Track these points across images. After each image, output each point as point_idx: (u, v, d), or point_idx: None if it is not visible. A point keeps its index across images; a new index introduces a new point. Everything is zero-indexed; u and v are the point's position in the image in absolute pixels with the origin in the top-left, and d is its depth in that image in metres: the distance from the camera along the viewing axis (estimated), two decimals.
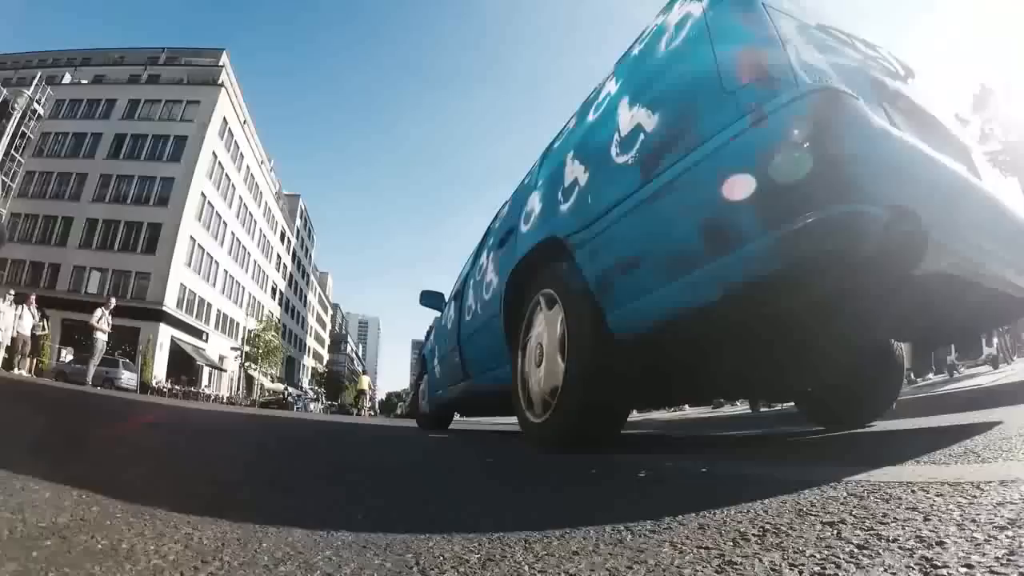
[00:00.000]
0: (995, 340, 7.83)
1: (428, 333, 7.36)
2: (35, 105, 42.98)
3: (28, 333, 14.98)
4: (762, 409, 7.72)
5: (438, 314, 6.64)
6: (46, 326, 16.61)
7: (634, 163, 2.52)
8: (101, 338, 14.33)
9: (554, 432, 2.85)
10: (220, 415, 7.22)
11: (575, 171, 3.07)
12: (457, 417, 6.86)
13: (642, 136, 2.52)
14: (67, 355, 28.05)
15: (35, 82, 43.39)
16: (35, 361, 15.71)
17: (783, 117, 1.88)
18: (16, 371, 14.26)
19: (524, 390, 3.25)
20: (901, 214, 1.80)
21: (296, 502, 1.58)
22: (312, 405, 43.10)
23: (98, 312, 14.40)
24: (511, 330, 3.54)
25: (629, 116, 2.70)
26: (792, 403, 4.64)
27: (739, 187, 1.92)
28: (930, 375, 8.57)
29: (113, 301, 15.15)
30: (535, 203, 3.54)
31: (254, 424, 6.26)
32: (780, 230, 1.83)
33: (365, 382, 30.99)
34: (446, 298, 6.37)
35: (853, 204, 1.77)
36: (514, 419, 3.48)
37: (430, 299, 6.75)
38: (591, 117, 3.28)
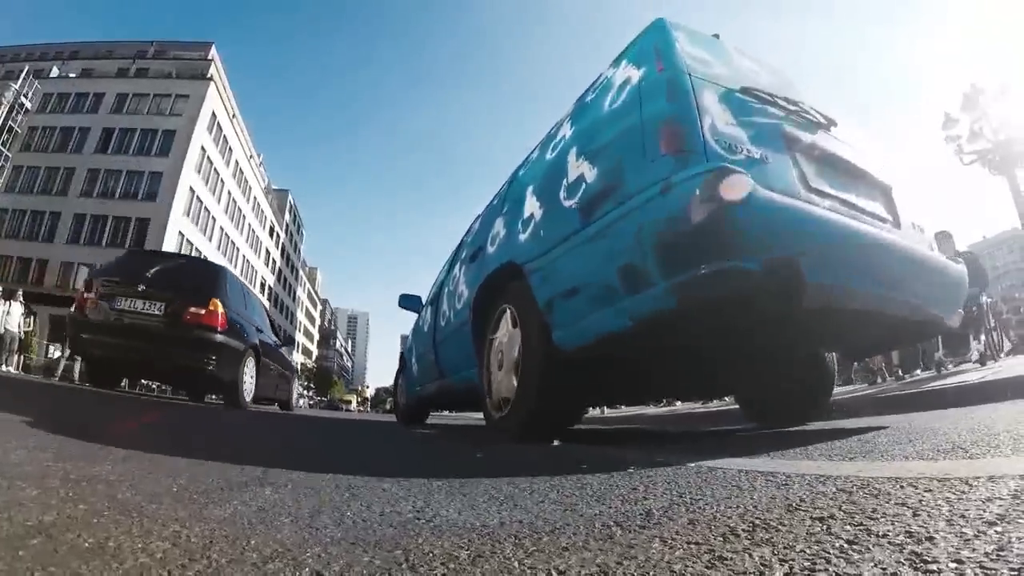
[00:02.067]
0: (983, 337, 7.88)
1: None
2: (22, 99, 42.56)
3: (16, 329, 14.87)
4: None
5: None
6: (32, 322, 16.48)
7: (576, 208, 2.98)
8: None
9: (511, 425, 3.35)
10: (218, 415, 7.18)
11: (532, 206, 3.53)
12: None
13: (584, 185, 2.98)
14: (55, 351, 27.78)
15: (22, 76, 43.00)
16: (22, 357, 15.57)
17: (684, 189, 2.28)
18: (3, 367, 14.16)
19: (489, 389, 3.76)
20: (778, 265, 2.24)
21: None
22: (301, 401, 43.02)
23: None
24: (478, 336, 3.99)
25: (576, 165, 3.14)
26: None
27: (648, 242, 2.40)
28: (918, 371, 8.62)
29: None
30: (501, 227, 4.01)
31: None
32: (675, 279, 2.29)
33: (367, 392, 33.27)
34: (423, 301, 6.80)
35: (733, 260, 2.21)
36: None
37: (409, 302, 7.19)
38: (549, 155, 3.72)
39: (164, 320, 7.03)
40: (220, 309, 7.30)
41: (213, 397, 10.42)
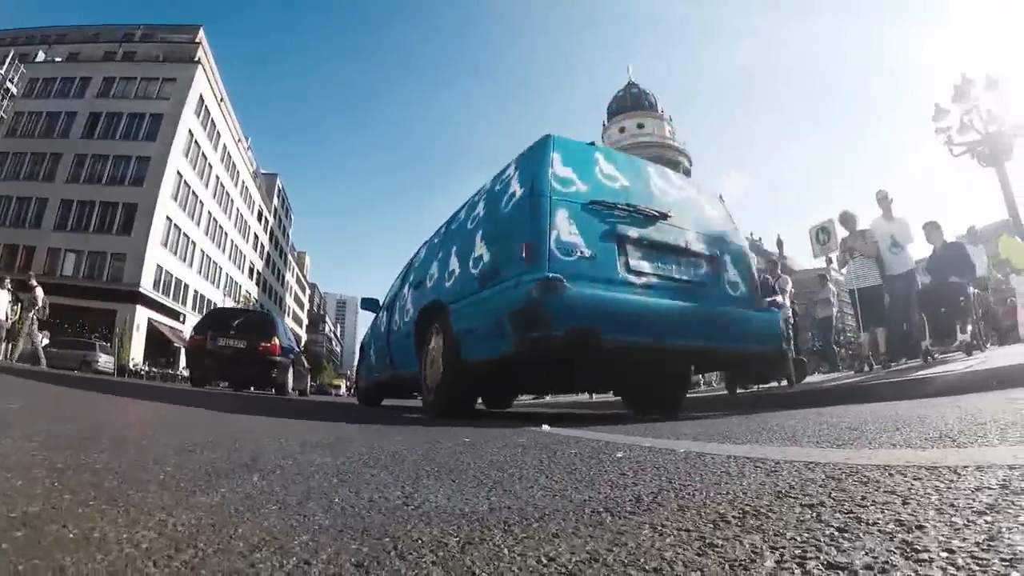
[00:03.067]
0: (969, 327, 7.93)
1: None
2: (7, 84, 41.81)
3: (3, 317, 14.70)
4: (739, 391, 7.79)
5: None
6: (20, 310, 16.29)
7: (477, 276, 4.49)
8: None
9: (435, 406, 4.91)
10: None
11: (454, 263, 5.02)
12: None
13: (482, 263, 4.47)
14: (43, 339, 27.56)
15: (7, 60, 42.11)
16: (11, 345, 15.37)
17: (525, 286, 3.72)
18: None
19: (424, 380, 5.23)
20: (578, 331, 3.67)
21: None
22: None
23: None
24: (418, 343, 5.48)
25: (479, 245, 4.61)
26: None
27: (506, 310, 3.85)
28: (904, 360, 8.68)
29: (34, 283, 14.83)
30: (436, 270, 5.53)
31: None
32: (516, 336, 3.74)
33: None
34: (381, 304, 8.35)
35: (546, 329, 3.64)
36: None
37: (368, 304, 8.71)
38: (469, 226, 5.11)
39: (247, 350, 12.38)
40: (278, 342, 12.93)
41: (252, 389, 14.75)
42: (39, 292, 14.55)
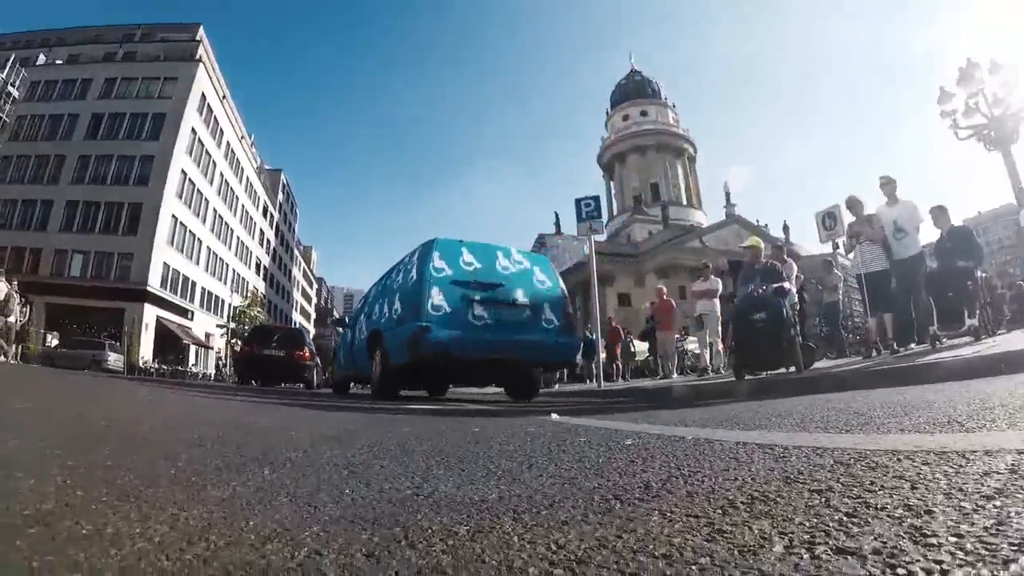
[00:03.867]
0: (976, 312, 7.89)
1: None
2: (9, 88, 41.82)
3: (12, 319, 14.71)
4: (747, 377, 7.78)
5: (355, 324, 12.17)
6: (28, 312, 16.34)
7: (396, 319, 7.38)
8: None
9: (378, 391, 7.62)
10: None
11: (386, 309, 7.95)
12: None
13: (398, 312, 7.39)
14: (52, 340, 27.68)
15: (8, 64, 42.10)
16: (20, 347, 15.43)
17: (411, 329, 6.58)
18: (1, 358, 14.08)
19: (373, 376, 7.88)
20: (440, 351, 6.52)
21: None
22: None
23: None
24: (369, 352, 8.14)
25: (398, 301, 7.48)
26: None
27: (405, 340, 6.66)
28: (912, 345, 8.63)
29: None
30: (378, 310, 8.51)
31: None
32: (410, 353, 6.59)
33: None
34: (347, 321, 11.52)
35: (422, 350, 6.47)
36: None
37: (339, 322, 12.88)
38: (394, 287, 7.93)
39: (285, 358, 16.31)
40: (308, 352, 17.36)
41: (284, 384, 18.06)
42: (2, 286, 14.36)
